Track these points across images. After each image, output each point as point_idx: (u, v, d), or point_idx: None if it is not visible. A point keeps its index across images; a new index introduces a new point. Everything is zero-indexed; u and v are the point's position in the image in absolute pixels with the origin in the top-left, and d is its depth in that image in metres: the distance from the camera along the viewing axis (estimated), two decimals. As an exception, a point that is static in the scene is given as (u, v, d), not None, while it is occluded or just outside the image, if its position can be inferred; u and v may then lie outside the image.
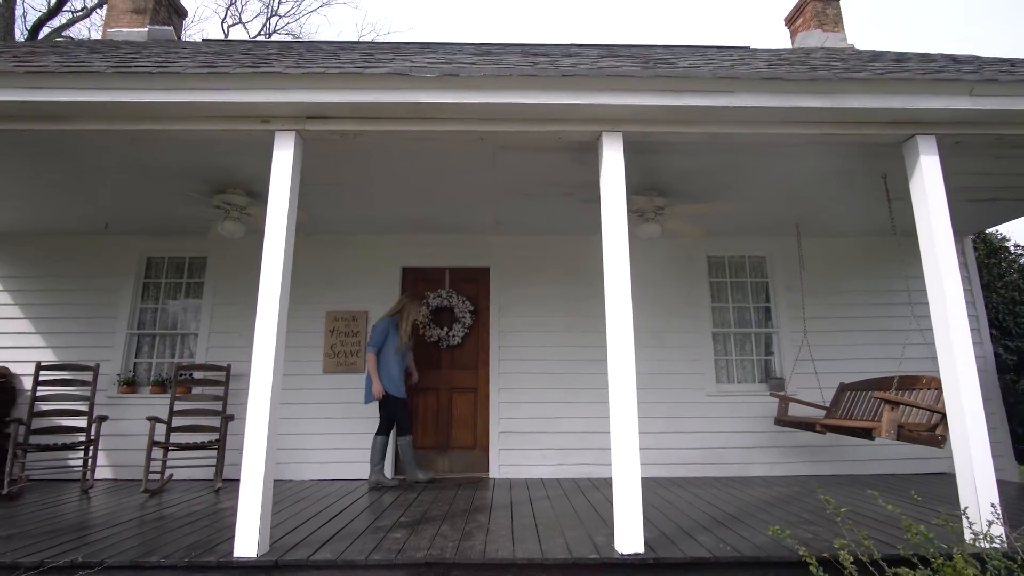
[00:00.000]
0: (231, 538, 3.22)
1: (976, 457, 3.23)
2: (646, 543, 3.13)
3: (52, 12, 13.91)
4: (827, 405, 5.39)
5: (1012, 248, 8.22)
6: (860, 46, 7.85)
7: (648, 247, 5.67)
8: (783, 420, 5.32)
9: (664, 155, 4.19)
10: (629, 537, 3.04)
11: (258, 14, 23.34)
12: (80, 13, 16.47)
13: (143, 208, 5.42)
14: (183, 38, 11.90)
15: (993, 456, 5.86)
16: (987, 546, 2.71)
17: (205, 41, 10.25)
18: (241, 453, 5.29)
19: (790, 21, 9.63)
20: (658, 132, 3.60)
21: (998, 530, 2.85)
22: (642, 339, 6.00)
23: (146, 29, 8.40)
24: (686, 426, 5.91)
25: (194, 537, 3.39)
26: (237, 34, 25.55)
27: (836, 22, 9.04)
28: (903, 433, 3.97)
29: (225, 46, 6.00)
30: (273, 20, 19.72)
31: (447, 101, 3.38)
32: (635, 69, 3.68)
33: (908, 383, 4.26)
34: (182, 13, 10.13)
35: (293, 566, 2.91)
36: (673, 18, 47.56)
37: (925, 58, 5.73)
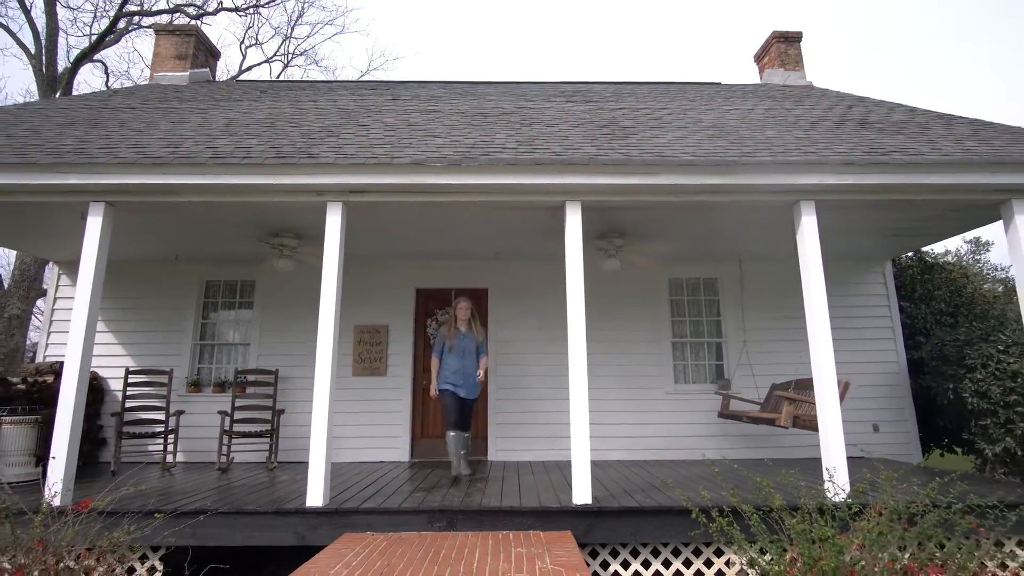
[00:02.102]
0: (299, 496, 4.57)
1: (831, 438, 4.48)
2: (594, 498, 4.43)
3: (93, 48, 15.28)
4: (761, 401, 6.66)
5: (944, 265, 9.40)
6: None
7: (619, 273, 6.93)
8: (724, 413, 6.61)
9: (618, 211, 5.47)
10: (581, 493, 4.34)
11: (273, 35, 24.68)
12: (110, 38, 17.86)
13: (209, 245, 6.75)
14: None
15: (900, 444, 7.22)
16: (832, 497, 3.95)
17: (238, 82, 11.60)
18: (291, 440, 6.67)
19: (758, 59, 10.94)
20: (608, 200, 4.89)
21: (827, 485, 4.09)
22: (615, 347, 7.34)
23: (187, 73, 9.82)
24: (650, 419, 7.20)
25: (271, 496, 4.70)
26: (254, 55, 26.91)
27: (797, 62, 10.34)
28: (798, 422, 5.25)
29: (269, 109, 7.29)
30: (289, 43, 21.01)
31: (453, 182, 4.68)
32: (592, 151, 4.98)
33: (807, 384, 5.52)
34: (216, 55, 11.55)
35: (349, 512, 4.23)
36: (668, 38, 48.72)
37: (846, 112, 6.99)
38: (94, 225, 4.79)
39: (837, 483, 4.18)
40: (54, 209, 5.34)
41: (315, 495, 4.30)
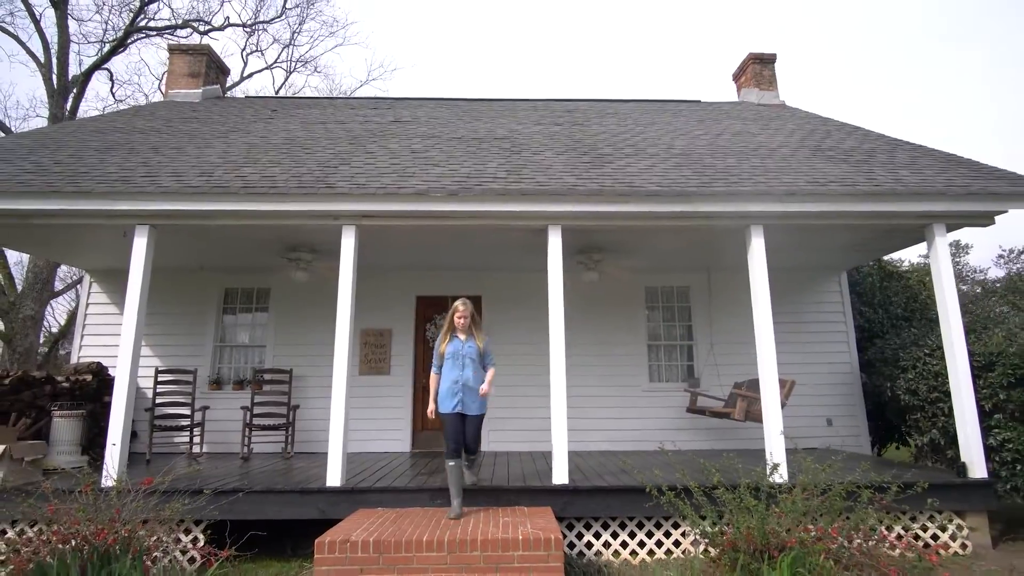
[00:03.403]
0: (315, 480, 5.33)
1: (771, 428, 5.28)
2: (571, 479, 5.21)
3: (104, 59, 15.95)
4: (724, 398, 7.46)
5: (902, 273, 10.23)
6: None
7: (600, 282, 7.72)
8: (691, 409, 7.41)
9: (596, 232, 6.25)
10: (559, 474, 5.13)
11: (273, 42, 25.33)
12: (121, 49, 18.52)
13: (230, 257, 7.50)
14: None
15: (852, 436, 8.02)
16: (771, 478, 4.73)
17: (249, 99, 12.29)
18: (304, 433, 7.42)
19: (736, 77, 11.74)
20: (585, 224, 5.67)
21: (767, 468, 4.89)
22: (597, 349, 8.14)
23: (200, 90, 10.55)
24: (627, 413, 8.00)
25: (291, 480, 5.47)
26: (255, 62, 27.57)
27: (771, 82, 11.14)
28: (750, 416, 6.05)
29: (283, 133, 8.02)
30: (292, 50, 21.70)
31: (452, 209, 5.45)
32: (572, 181, 5.75)
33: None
34: (226, 71, 12.33)
35: (363, 490, 5.00)
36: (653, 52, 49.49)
37: (805, 137, 7.78)
38: (139, 246, 5.53)
39: (773, 466, 4.97)
40: (100, 229, 6.07)
41: (334, 476, 5.07)
